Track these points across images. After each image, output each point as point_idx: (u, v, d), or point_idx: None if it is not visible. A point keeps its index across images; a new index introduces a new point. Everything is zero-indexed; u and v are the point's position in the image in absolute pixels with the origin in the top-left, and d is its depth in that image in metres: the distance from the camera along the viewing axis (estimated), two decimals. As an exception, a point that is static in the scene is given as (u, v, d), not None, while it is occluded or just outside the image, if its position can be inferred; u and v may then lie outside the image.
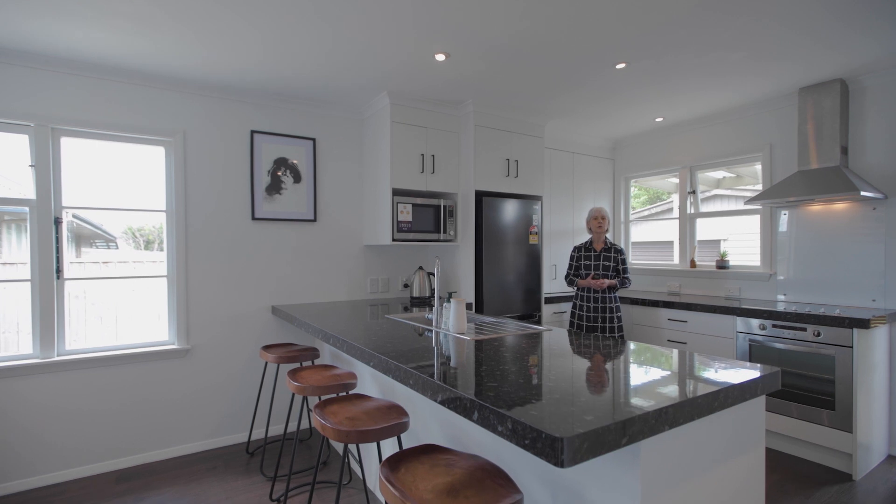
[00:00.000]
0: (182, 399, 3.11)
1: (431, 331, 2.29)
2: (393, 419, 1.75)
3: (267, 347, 3.01)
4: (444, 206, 3.63)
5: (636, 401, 1.19)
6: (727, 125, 3.98)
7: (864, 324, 2.72)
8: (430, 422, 2.04)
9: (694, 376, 1.44)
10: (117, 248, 3.08)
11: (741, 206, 4.51)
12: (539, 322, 3.95)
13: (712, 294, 4.07)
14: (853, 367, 2.75)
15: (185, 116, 3.12)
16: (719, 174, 4.60)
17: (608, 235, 4.78)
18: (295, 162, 3.50)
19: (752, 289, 3.80)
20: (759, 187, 4.23)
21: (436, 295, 2.45)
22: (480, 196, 3.65)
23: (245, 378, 3.32)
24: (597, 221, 3.60)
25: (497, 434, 1.13)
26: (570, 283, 3.70)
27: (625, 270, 3.58)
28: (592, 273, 3.57)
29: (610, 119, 4.07)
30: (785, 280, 3.61)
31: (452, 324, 2.22)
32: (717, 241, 4.84)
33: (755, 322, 3.20)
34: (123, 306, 3.05)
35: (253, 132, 3.33)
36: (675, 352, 1.78)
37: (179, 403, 3.10)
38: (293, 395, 2.47)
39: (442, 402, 1.36)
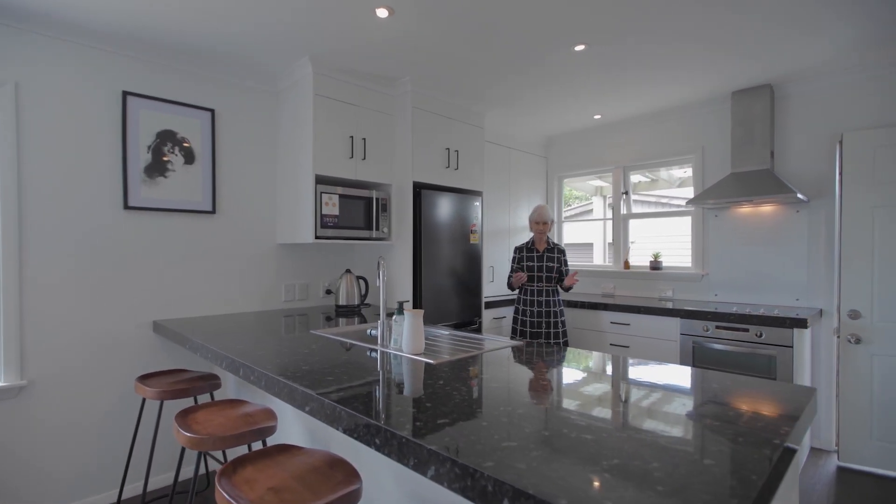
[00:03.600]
0: (19, 453, 2.24)
1: (377, 351, 1.80)
2: (339, 486, 1.25)
3: (145, 378, 2.27)
4: (377, 199, 3.12)
5: (725, 468, 0.85)
6: (663, 125, 3.98)
7: (802, 323, 2.76)
8: (384, 475, 1.56)
9: (754, 414, 1.15)
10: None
11: (659, 210, 4.62)
12: (479, 330, 3.61)
13: (646, 295, 4.05)
14: (793, 367, 2.79)
15: (18, 62, 2.25)
16: (636, 178, 4.65)
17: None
18: (186, 137, 2.76)
19: (685, 290, 3.82)
20: (672, 192, 4.34)
21: (382, 306, 1.97)
22: (419, 188, 3.21)
23: (116, 419, 2.51)
24: (538, 226, 3.38)
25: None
26: (511, 286, 3.41)
27: (567, 271, 3.40)
28: (536, 275, 3.34)
29: (550, 112, 3.86)
30: (715, 280, 3.66)
31: (407, 342, 1.75)
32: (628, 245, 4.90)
33: (698, 323, 3.16)
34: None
35: (126, 94, 2.53)
36: (702, 373, 1.50)
37: (16, 459, 2.23)
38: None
39: (435, 478, 0.91)
